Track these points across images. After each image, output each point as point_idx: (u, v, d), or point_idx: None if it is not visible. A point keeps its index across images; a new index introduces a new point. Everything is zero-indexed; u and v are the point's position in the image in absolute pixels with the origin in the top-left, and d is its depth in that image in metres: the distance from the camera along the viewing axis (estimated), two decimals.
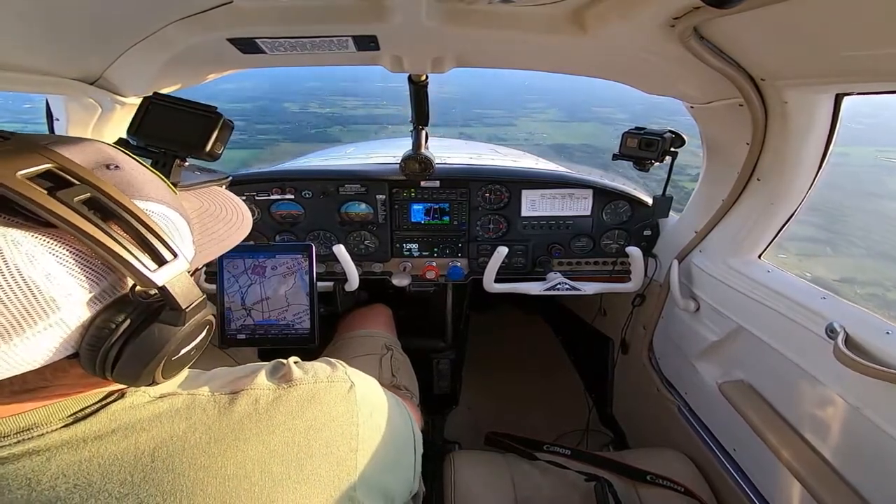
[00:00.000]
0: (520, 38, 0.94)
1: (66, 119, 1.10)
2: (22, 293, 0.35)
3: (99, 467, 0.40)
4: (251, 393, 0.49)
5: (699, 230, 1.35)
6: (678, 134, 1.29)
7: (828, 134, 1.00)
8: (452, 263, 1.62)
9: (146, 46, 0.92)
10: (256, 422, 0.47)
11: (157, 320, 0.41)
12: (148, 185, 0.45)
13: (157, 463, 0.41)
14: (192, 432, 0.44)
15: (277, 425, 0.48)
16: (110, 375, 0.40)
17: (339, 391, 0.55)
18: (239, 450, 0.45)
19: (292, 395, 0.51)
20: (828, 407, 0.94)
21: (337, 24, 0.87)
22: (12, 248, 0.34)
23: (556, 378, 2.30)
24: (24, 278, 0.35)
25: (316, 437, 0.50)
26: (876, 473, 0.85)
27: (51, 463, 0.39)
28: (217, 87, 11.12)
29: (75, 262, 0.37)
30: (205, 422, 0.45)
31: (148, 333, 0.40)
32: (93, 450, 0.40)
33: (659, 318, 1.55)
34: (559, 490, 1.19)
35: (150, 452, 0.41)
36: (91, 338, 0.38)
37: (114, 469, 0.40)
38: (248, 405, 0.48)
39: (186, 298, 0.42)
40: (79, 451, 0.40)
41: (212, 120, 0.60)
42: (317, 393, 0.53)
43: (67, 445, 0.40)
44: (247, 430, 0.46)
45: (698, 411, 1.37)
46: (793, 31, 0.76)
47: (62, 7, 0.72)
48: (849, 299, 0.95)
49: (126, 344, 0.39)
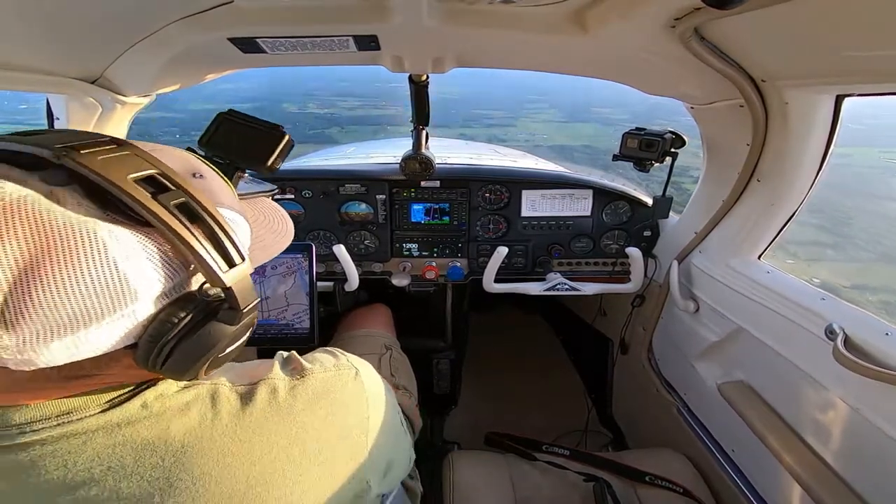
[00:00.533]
0: (520, 39, 0.94)
1: (66, 118, 1.10)
2: (113, 284, 0.38)
3: (132, 451, 0.42)
4: (268, 383, 0.51)
5: (699, 231, 1.35)
6: (678, 135, 1.29)
7: (828, 135, 1.00)
8: (452, 263, 1.62)
9: (147, 46, 0.92)
10: (277, 410, 0.49)
11: (214, 318, 0.44)
12: (223, 193, 0.50)
13: (187, 448, 0.43)
14: (218, 420, 0.46)
15: (297, 413, 0.50)
16: (160, 368, 0.42)
17: (347, 378, 0.58)
18: (263, 436, 0.47)
19: (307, 385, 0.53)
20: (827, 408, 0.94)
21: (337, 24, 0.87)
22: (114, 242, 0.38)
23: (555, 378, 2.30)
24: (119, 271, 0.38)
25: (332, 423, 0.53)
26: (875, 474, 0.85)
27: (87, 446, 0.41)
28: (216, 87, 11.11)
29: (160, 260, 0.41)
30: (229, 410, 0.47)
31: (205, 331, 0.43)
32: (126, 434, 0.42)
33: (658, 319, 1.55)
34: (558, 490, 1.19)
35: (180, 438, 0.43)
36: (154, 330, 0.41)
37: (146, 453, 0.42)
38: (268, 394, 0.50)
39: (245, 300, 0.45)
40: (113, 435, 0.42)
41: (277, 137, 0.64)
42: (328, 381, 0.55)
43: (103, 430, 0.42)
44: (270, 419, 0.48)
45: (697, 412, 1.37)
46: (793, 32, 0.76)
47: (63, 6, 0.72)
48: (862, 307, 0.94)
49: (183, 339, 0.42)
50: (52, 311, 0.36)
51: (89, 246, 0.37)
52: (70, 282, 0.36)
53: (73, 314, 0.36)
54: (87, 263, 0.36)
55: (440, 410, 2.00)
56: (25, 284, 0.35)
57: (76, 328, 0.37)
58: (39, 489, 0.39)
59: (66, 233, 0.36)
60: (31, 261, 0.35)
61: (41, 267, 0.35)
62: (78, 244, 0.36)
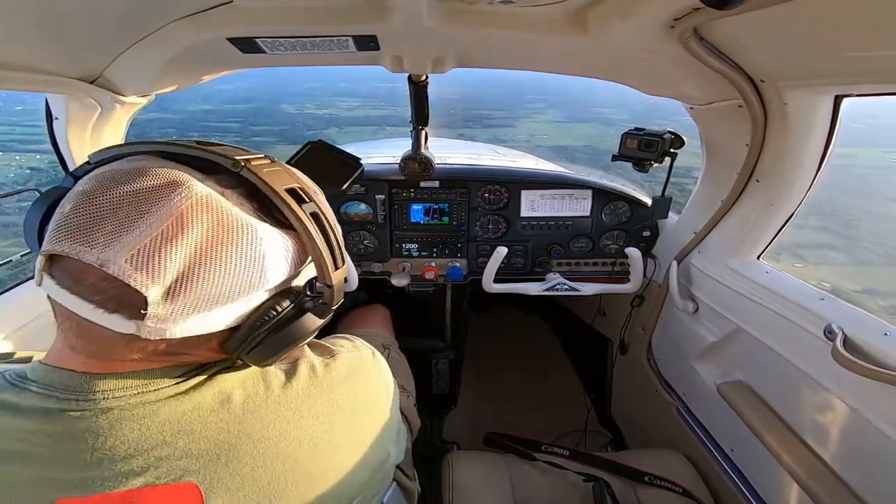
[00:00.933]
0: (520, 39, 0.94)
1: (65, 118, 1.10)
2: (255, 271, 0.46)
3: (199, 417, 0.46)
4: (306, 361, 0.56)
5: (698, 231, 1.35)
6: (677, 135, 1.29)
7: (827, 135, 1.00)
8: (452, 263, 1.62)
9: (146, 45, 0.92)
10: (318, 384, 0.54)
11: (310, 311, 0.51)
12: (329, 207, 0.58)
13: (247, 414, 0.47)
14: (270, 391, 0.50)
15: (334, 387, 0.55)
16: (246, 354, 0.48)
17: (367, 357, 0.64)
18: (309, 407, 0.52)
19: (338, 363, 0.58)
20: (826, 408, 0.94)
21: (337, 24, 0.87)
22: (266, 237, 0.47)
23: (554, 378, 2.30)
24: (263, 261, 0.46)
25: (362, 396, 0.59)
26: (873, 474, 0.85)
27: (160, 412, 0.45)
28: (214, 87, 11.09)
29: (290, 257, 0.50)
30: (278, 384, 0.52)
31: (300, 322, 0.50)
32: (195, 402, 0.46)
33: (658, 319, 1.55)
34: (558, 490, 1.19)
35: (240, 405, 0.48)
36: (258, 316, 0.47)
37: (211, 419, 0.46)
38: (308, 371, 0.55)
39: (338, 297, 0.53)
40: (183, 402, 0.46)
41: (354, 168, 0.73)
42: (354, 360, 0.61)
43: (175, 399, 0.46)
44: (312, 391, 0.53)
45: (697, 412, 1.38)
46: (792, 33, 0.76)
47: (62, 6, 0.72)
48: (874, 314, 0.93)
49: (278, 328, 0.48)
50: (205, 288, 0.43)
51: (248, 238, 0.45)
52: (228, 266, 0.44)
53: (218, 294, 0.44)
54: (245, 252, 0.45)
55: (439, 410, 2.00)
56: (197, 264, 0.42)
57: (213, 306, 0.44)
58: (117, 449, 0.43)
59: (234, 225, 0.44)
60: (206, 245, 0.42)
61: (211, 251, 0.43)
62: (241, 235, 0.45)
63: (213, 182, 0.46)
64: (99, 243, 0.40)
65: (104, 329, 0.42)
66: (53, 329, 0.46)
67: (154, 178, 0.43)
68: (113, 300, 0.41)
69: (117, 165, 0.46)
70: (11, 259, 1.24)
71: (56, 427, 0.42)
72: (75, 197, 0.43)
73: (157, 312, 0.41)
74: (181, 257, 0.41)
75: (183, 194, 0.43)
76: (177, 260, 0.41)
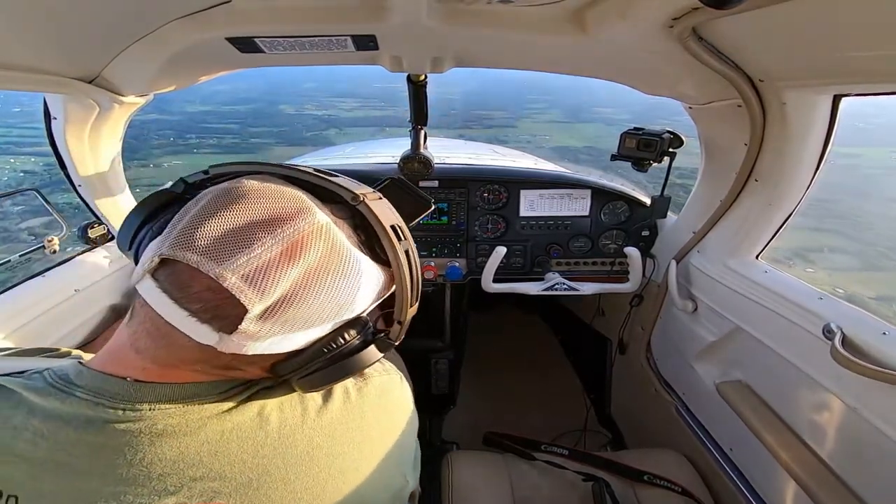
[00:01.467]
0: (519, 39, 0.94)
1: (63, 118, 1.10)
2: (347, 302, 0.47)
3: (237, 438, 0.45)
4: (341, 385, 0.55)
5: (697, 231, 1.35)
6: (676, 134, 1.29)
7: (826, 135, 1.00)
8: (451, 263, 1.62)
9: (145, 45, 0.91)
10: (351, 410, 0.54)
11: (374, 342, 0.51)
12: None
13: (283, 439, 0.47)
14: (306, 416, 0.50)
15: (366, 412, 0.55)
16: (297, 379, 0.49)
17: (396, 381, 0.63)
18: (343, 429, 0.52)
19: (370, 387, 0.57)
20: (825, 407, 0.94)
21: (336, 24, 0.87)
22: (365, 270, 0.48)
23: (554, 378, 2.31)
24: (357, 294, 0.48)
25: (391, 422, 0.58)
26: (872, 473, 0.86)
27: (200, 431, 0.44)
28: (212, 88, 11.05)
29: (378, 290, 0.52)
30: (314, 408, 0.51)
31: (362, 354, 0.50)
32: (235, 421, 0.46)
33: (657, 319, 1.55)
34: (557, 490, 1.19)
35: (276, 429, 0.47)
36: (324, 343, 0.48)
37: (248, 441, 0.45)
38: (342, 394, 0.54)
39: (402, 334, 0.55)
40: (223, 422, 0.45)
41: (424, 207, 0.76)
42: (384, 384, 0.60)
43: (216, 417, 0.45)
44: (346, 417, 0.53)
45: (696, 411, 1.38)
46: (791, 33, 0.76)
47: (61, 5, 0.72)
48: (888, 320, 0.90)
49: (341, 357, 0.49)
50: (302, 311, 0.44)
51: (351, 268, 0.47)
52: (328, 292, 0.45)
53: (309, 317, 0.45)
54: (344, 282, 0.46)
55: (439, 410, 2.00)
56: (302, 287, 0.43)
57: (299, 329, 0.45)
58: (154, 466, 0.42)
59: (343, 255, 0.46)
60: (315, 270, 0.44)
61: (318, 276, 0.44)
62: (347, 266, 0.46)
63: (329, 211, 0.48)
64: (221, 256, 0.41)
65: (184, 336, 0.42)
66: (54, 328, 0.46)
67: (281, 202, 0.45)
68: (210, 311, 0.42)
69: (242, 183, 0.47)
70: (10, 259, 1.23)
71: (98, 438, 0.42)
72: (199, 208, 0.45)
73: (248, 329, 0.42)
74: (291, 280, 0.42)
75: (307, 220, 0.45)
76: (286, 281, 0.42)
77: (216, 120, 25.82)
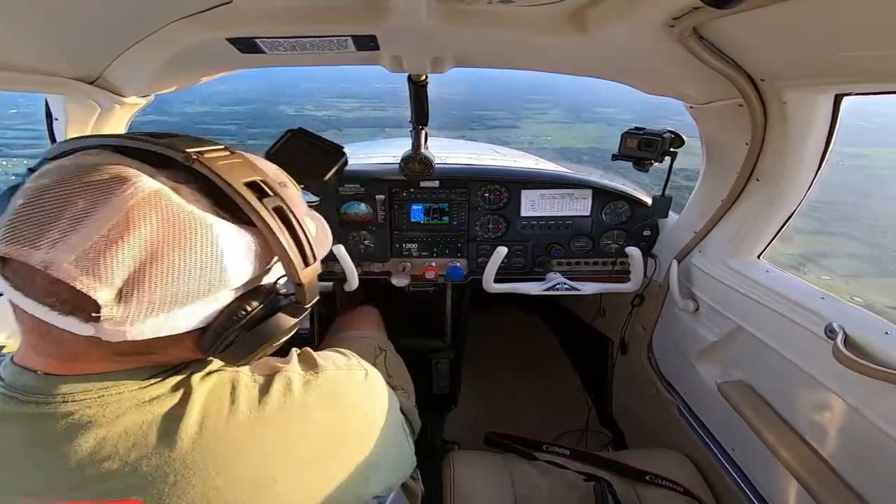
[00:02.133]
0: (519, 39, 0.94)
1: (65, 119, 1.10)
2: (214, 271, 0.43)
3: (157, 430, 0.43)
4: (284, 375, 0.53)
5: (698, 230, 1.35)
6: (677, 134, 1.29)
7: (827, 134, 1.00)
8: (452, 263, 1.62)
9: (146, 46, 0.92)
10: (291, 402, 0.50)
11: (281, 310, 0.49)
12: (299, 201, 0.56)
13: (205, 432, 0.45)
14: (235, 408, 0.47)
15: (308, 407, 0.52)
16: (219, 353, 0.47)
17: (357, 379, 0.59)
18: (277, 427, 0.49)
19: (320, 381, 0.55)
20: (827, 407, 0.94)
21: (336, 24, 0.87)
22: (223, 235, 0.44)
23: (555, 378, 2.30)
24: (223, 260, 0.44)
25: (340, 424, 0.54)
26: (874, 473, 0.85)
27: (119, 421, 0.43)
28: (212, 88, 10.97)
29: (253, 254, 0.47)
30: (246, 398, 0.49)
31: (272, 321, 0.48)
32: (154, 412, 0.44)
33: (658, 319, 1.55)
34: (558, 490, 1.19)
35: (199, 421, 0.45)
36: (227, 316, 0.46)
37: (168, 433, 0.43)
38: (283, 386, 0.51)
39: (311, 296, 0.51)
40: (143, 412, 0.44)
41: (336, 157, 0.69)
42: (339, 379, 0.57)
43: (136, 407, 0.44)
44: (285, 410, 0.50)
45: (697, 411, 1.37)
46: (792, 32, 0.76)
47: (61, 6, 0.72)
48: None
49: (250, 327, 0.47)
50: (161, 289, 0.41)
51: (203, 236, 0.43)
52: (182, 266, 0.41)
53: (176, 294, 0.42)
54: (200, 251, 0.42)
55: (440, 410, 2.00)
56: (149, 264, 0.40)
57: (173, 307, 0.42)
58: (70, 458, 0.41)
59: (187, 223, 0.42)
60: (157, 244, 0.40)
61: (163, 250, 0.40)
62: (196, 234, 0.42)
63: (166, 177, 0.43)
64: (44, 245, 0.38)
65: (63, 331, 0.40)
66: None
67: (101, 174, 0.41)
68: (66, 303, 0.39)
69: (69, 161, 0.43)
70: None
71: (14, 431, 0.42)
72: (24, 194, 0.41)
73: (111, 315, 0.39)
74: (130, 258, 0.39)
75: (128, 191, 0.40)
76: (125, 261, 0.39)
77: (215, 121, 25.68)
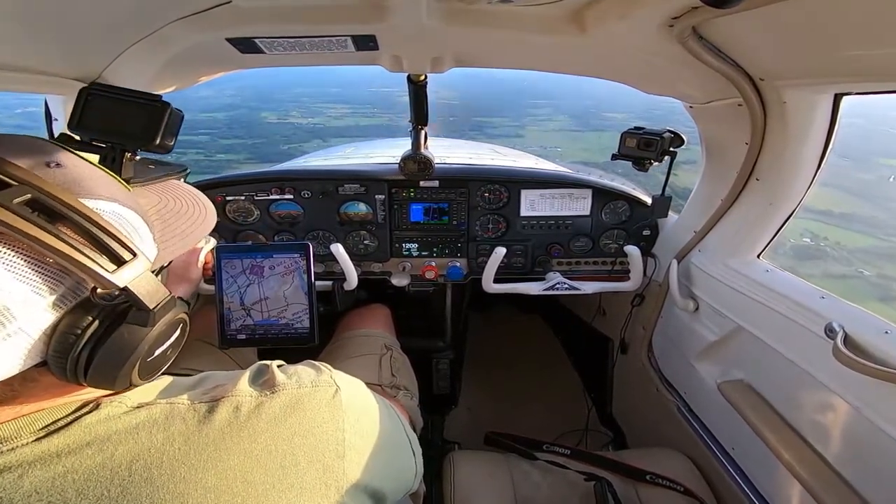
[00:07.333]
0: (519, 38, 0.94)
1: (64, 119, 1.10)
2: None
3: (73, 483, 0.38)
4: (232, 400, 0.47)
5: (698, 230, 1.35)
6: (677, 133, 1.29)
7: (826, 134, 1.00)
8: (452, 263, 1.62)
9: (145, 46, 0.92)
10: (238, 430, 0.45)
11: (125, 322, 0.41)
12: (96, 182, 0.43)
13: (135, 476, 0.40)
14: (170, 443, 0.42)
15: (259, 433, 0.46)
16: (84, 381, 0.39)
17: (323, 396, 0.53)
18: (220, 460, 0.43)
19: (275, 402, 0.49)
20: (827, 406, 0.94)
21: (336, 24, 0.87)
22: None
23: (555, 378, 2.30)
24: None
25: (300, 445, 0.48)
26: (874, 472, 0.85)
27: (23, 480, 0.37)
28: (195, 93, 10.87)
29: (27, 267, 0.36)
30: (184, 432, 0.43)
31: (118, 336, 0.40)
32: (67, 465, 0.39)
33: (658, 318, 1.55)
34: (559, 490, 1.19)
35: (127, 465, 0.40)
36: (57, 344, 0.38)
37: (89, 484, 0.39)
38: (229, 413, 0.46)
39: (153, 298, 0.42)
40: (52, 466, 0.38)
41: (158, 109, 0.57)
42: (301, 399, 0.51)
43: (40, 461, 0.38)
44: (228, 440, 0.44)
45: (697, 411, 1.37)
46: (791, 31, 0.76)
47: (61, 6, 0.72)
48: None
49: (96, 348, 0.39)
50: None
51: None
52: None
53: None
54: None
55: (440, 410, 2.00)
56: None
57: None
58: None
59: None
60: None
61: None
62: None
63: None
64: None
65: None
66: None
67: None
68: None
69: None
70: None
71: None
72: None
73: None
74: None
75: None
76: None
77: (187, 130, 25.31)
